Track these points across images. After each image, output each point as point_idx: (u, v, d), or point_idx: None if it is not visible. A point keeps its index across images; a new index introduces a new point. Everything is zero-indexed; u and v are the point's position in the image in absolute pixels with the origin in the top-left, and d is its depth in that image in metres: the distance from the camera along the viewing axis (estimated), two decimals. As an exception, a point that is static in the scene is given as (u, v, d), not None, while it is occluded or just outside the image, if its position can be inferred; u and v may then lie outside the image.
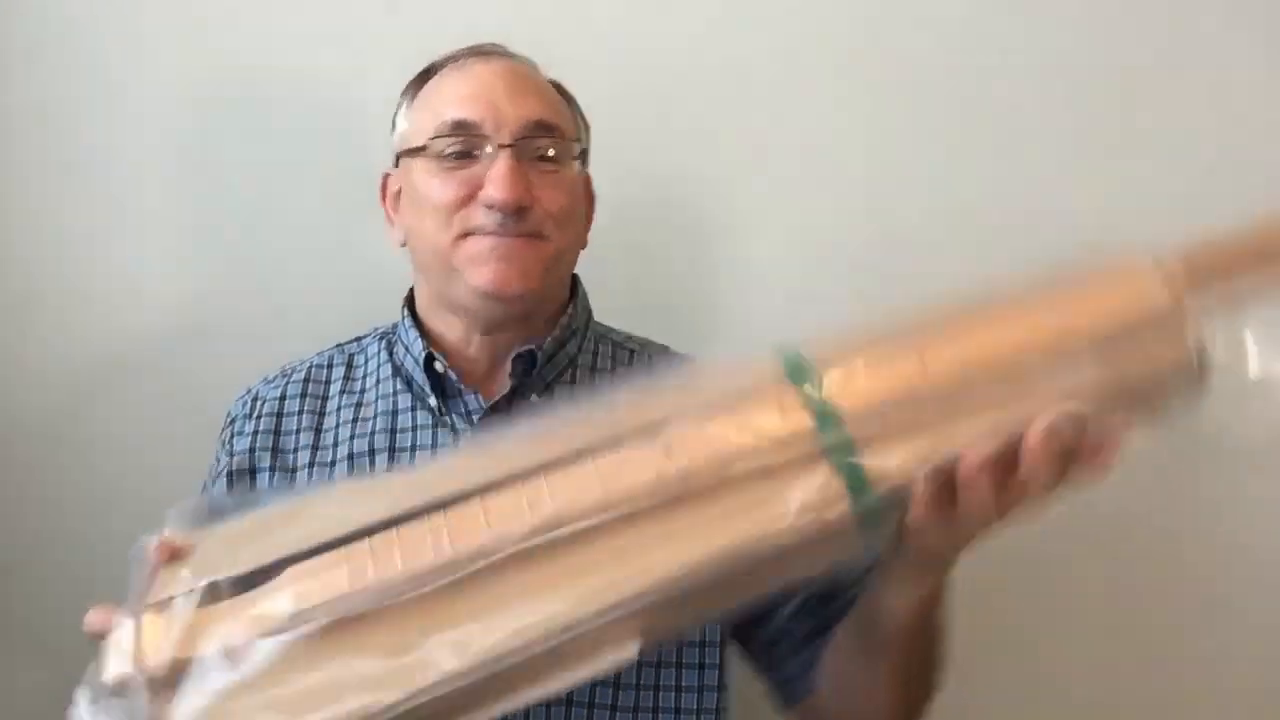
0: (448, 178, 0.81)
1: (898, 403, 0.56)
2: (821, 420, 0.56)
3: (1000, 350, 0.57)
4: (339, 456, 0.85)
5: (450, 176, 0.81)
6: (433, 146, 0.81)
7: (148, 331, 1.17)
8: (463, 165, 0.81)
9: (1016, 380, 0.56)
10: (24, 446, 1.18)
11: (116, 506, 1.15)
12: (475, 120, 0.81)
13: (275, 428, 0.88)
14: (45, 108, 1.16)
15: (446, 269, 0.82)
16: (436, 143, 0.81)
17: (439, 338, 0.87)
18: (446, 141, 0.81)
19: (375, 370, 0.89)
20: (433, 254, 0.83)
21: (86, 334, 1.17)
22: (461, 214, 0.81)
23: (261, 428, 0.88)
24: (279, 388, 0.90)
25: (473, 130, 0.81)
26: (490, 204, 0.79)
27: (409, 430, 0.85)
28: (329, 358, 0.92)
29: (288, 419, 0.88)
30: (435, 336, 0.87)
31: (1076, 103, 1.17)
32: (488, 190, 0.79)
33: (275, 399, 0.89)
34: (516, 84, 0.84)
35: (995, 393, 0.56)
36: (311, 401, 0.89)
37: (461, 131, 0.81)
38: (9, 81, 1.16)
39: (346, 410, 0.87)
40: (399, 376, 0.87)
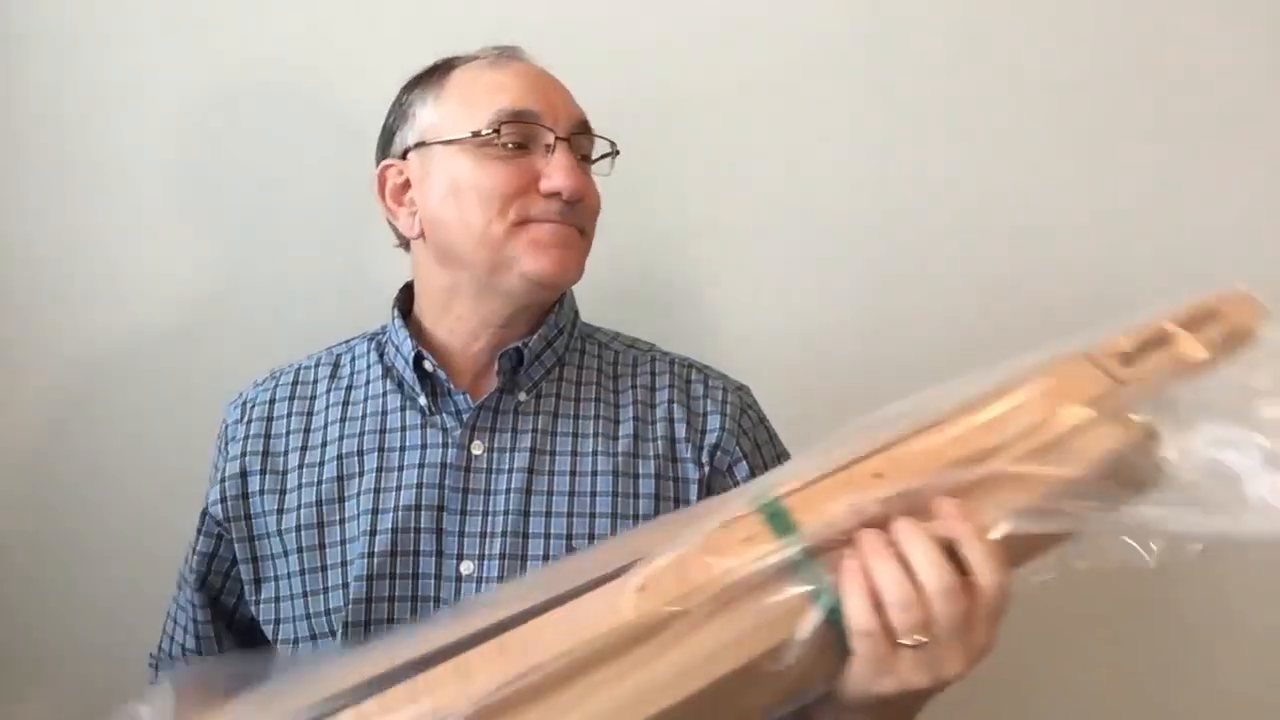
0: (504, 165, 0.81)
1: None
2: (782, 531, 0.57)
3: (950, 462, 0.59)
4: (328, 457, 0.85)
5: (506, 165, 0.81)
6: (487, 134, 0.81)
7: (146, 331, 1.18)
8: (517, 155, 0.81)
9: (966, 493, 0.58)
10: (22, 447, 1.18)
11: (115, 506, 1.16)
12: (538, 110, 0.82)
13: (265, 431, 0.88)
14: (43, 108, 1.17)
15: (495, 256, 0.81)
16: (498, 131, 0.81)
17: (433, 337, 0.87)
18: (509, 129, 0.81)
19: (365, 370, 0.89)
20: (478, 241, 0.81)
21: (84, 334, 1.18)
22: (519, 203, 0.81)
23: (252, 431, 0.88)
24: (268, 390, 0.90)
25: (535, 120, 0.82)
26: (556, 192, 0.80)
27: (398, 430, 0.85)
28: (317, 359, 0.92)
29: (277, 421, 0.88)
30: (427, 336, 0.87)
31: (1074, 102, 1.17)
32: (554, 179, 0.80)
33: (265, 402, 0.89)
34: (559, 83, 0.86)
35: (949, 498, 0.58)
36: (300, 403, 0.89)
37: (525, 120, 0.81)
38: (8, 81, 1.16)
39: (335, 410, 0.87)
40: (389, 377, 0.87)
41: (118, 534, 1.16)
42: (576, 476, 0.83)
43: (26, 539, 1.17)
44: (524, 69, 0.85)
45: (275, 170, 1.18)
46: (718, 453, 0.85)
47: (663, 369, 0.90)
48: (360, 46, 1.17)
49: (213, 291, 1.18)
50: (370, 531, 0.81)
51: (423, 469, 0.82)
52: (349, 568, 0.80)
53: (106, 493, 1.17)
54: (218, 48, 1.17)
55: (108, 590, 1.16)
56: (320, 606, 0.81)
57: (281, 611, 0.83)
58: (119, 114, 1.17)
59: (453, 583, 0.79)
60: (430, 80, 0.87)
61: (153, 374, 1.18)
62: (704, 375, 0.90)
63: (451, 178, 0.82)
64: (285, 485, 0.85)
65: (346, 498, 0.83)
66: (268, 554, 0.84)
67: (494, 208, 0.80)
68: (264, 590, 0.84)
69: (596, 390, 0.87)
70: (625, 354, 0.91)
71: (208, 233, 1.19)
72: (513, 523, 0.80)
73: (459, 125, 0.83)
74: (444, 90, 0.85)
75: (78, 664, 1.14)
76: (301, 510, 0.83)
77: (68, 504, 1.18)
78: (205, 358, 1.17)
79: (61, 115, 1.17)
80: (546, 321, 0.86)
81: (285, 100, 1.18)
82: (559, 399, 0.86)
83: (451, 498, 0.81)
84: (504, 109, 0.81)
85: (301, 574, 0.82)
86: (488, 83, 0.83)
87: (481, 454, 0.83)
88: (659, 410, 0.86)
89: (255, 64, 1.18)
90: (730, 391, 0.89)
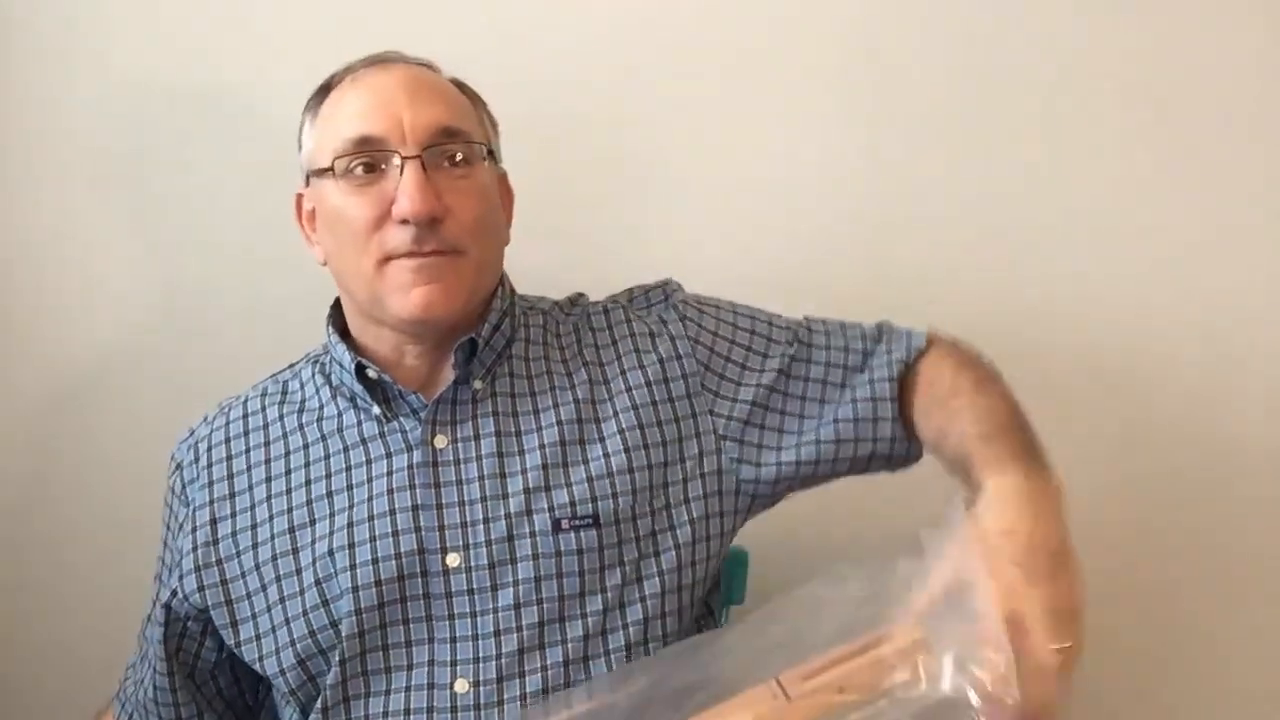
0: (358, 197, 0.79)
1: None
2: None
3: None
4: (294, 484, 0.84)
5: (361, 195, 0.79)
6: (338, 165, 0.80)
7: (130, 336, 1.17)
8: (371, 182, 0.79)
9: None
10: (14, 451, 1.18)
11: (114, 508, 1.16)
12: (378, 135, 0.79)
13: (227, 471, 0.86)
14: (24, 109, 1.16)
15: (372, 293, 0.81)
16: (341, 161, 0.80)
17: (370, 348, 0.86)
18: (351, 159, 0.79)
19: (315, 394, 0.88)
20: (356, 278, 0.81)
21: (67, 340, 1.17)
22: (378, 236, 0.79)
23: (214, 476, 0.86)
24: (221, 430, 0.89)
25: (377, 145, 0.79)
26: (402, 218, 0.78)
27: (359, 444, 0.84)
28: (262, 389, 0.91)
29: (236, 459, 0.86)
30: (366, 348, 0.86)
31: (1073, 103, 1.17)
32: (400, 204, 0.78)
33: (220, 441, 0.88)
34: (418, 92, 0.82)
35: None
36: (256, 434, 0.87)
37: (366, 148, 0.79)
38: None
39: (294, 437, 0.86)
40: (339, 396, 0.86)
41: (117, 534, 1.16)
42: (545, 449, 0.82)
43: (24, 540, 1.17)
44: (378, 84, 0.82)
45: (261, 171, 1.14)
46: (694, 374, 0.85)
47: (600, 324, 0.89)
48: (344, 46, 1.15)
49: (196, 294, 1.17)
50: (348, 545, 0.80)
51: (390, 475, 0.82)
52: (327, 585, 0.79)
53: (98, 497, 1.16)
54: (200, 49, 1.16)
55: (107, 589, 1.15)
56: (304, 629, 0.80)
57: (264, 647, 0.82)
58: (92, 117, 1.16)
59: (441, 577, 0.79)
60: (310, 105, 0.87)
61: (135, 380, 1.17)
62: (632, 312, 0.90)
63: (325, 211, 0.83)
64: (255, 519, 0.84)
65: (317, 520, 0.82)
66: (243, 594, 0.83)
67: (358, 244, 0.80)
68: (243, 631, 0.83)
69: (546, 364, 0.87)
70: (565, 321, 0.91)
71: (191, 235, 1.18)
72: (491, 507, 0.80)
73: (323, 155, 0.82)
74: (317, 117, 0.85)
75: (77, 662, 1.14)
76: (275, 540, 0.82)
77: (63, 504, 1.17)
78: (190, 361, 1.16)
79: (43, 116, 1.16)
80: (491, 308, 0.86)
81: (263, 105, 1.16)
82: (513, 378, 0.85)
83: (425, 495, 0.81)
84: (347, 138, 0.80)
85: (281, 602, 0.81)
86: (343, 107, 0.82)
87: (446, 446, 0.82)
88: (621, 363, 0.86)
89: (237, 64, 1.17)
90: (662, 307, 0.90)
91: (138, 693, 0.89)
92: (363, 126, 0.80)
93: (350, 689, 0.79)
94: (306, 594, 0.80)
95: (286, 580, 0.81)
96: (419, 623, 0.79)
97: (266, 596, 0.82)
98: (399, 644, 0.79)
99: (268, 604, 0.81)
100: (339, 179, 0.80)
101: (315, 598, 0.80)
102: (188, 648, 0.87)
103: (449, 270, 0.80)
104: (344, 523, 0.81)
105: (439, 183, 0.79)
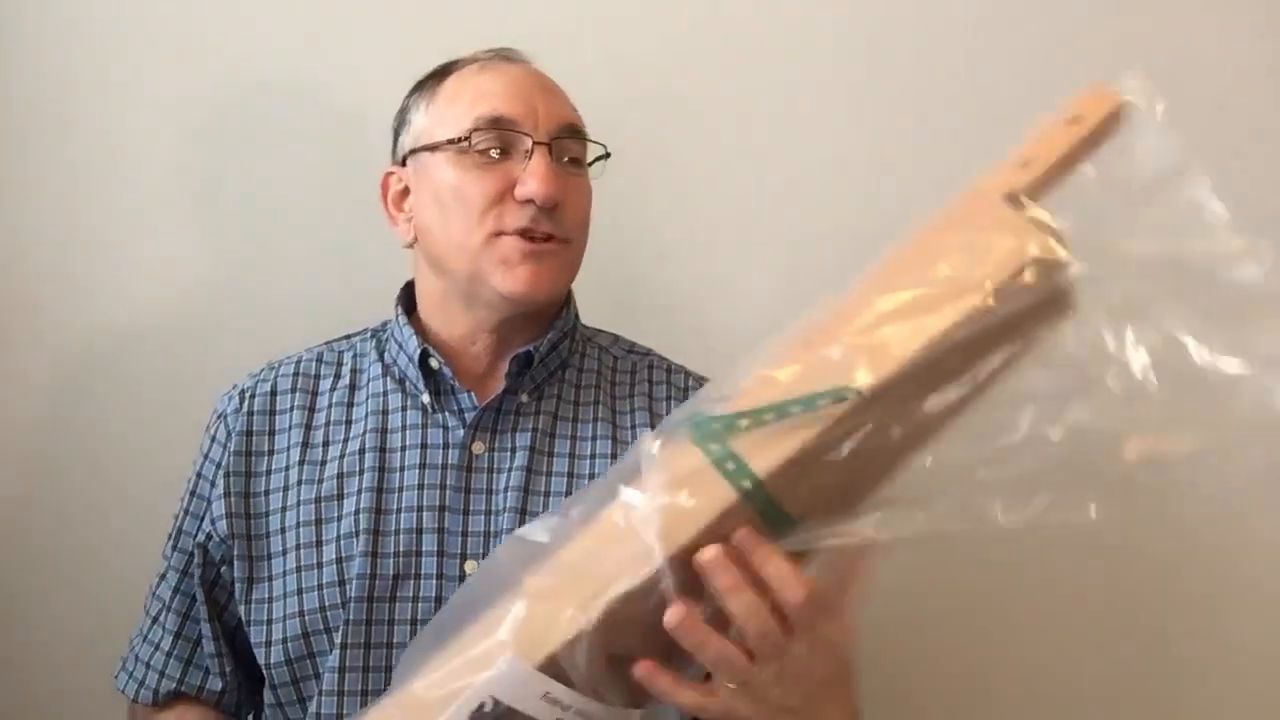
0: (482, 173, 0.81)
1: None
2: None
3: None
4: (330, 456, 0.85)
5: (485, 172, 0.81)
6: (472, 141, 0.81)
7: (146, 330, 1.17)
8: (496, 162, 0.81)
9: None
10: (20, 446, 1.17)
11: (115, 505, 1.16)
12: (515, 117, 0.82)
13: (268, 426, 0.87)
14: (45, 108, 1.16)
15: (472, 268, 0.82)
16: (474, 137, 0.81)
17: (436, 335, 0.87)
18: (484, 136, 0.81)
19: (366, 369, 0.89)
20: (458, 252, 0.82)
21: (84, 333, 1.17)
22: (495, 212, 0.81)
23: (254, 425, 0.87)
24: (268, 381, 0.89)
25: (512, 126, 0.82)
26: (529, 198, 0.80)
27: (399, 430, 0.85)
28: (318, 354, 0.91)
29: (280, 416, 0.87)
30: (433, 334, 0.87)
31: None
32: (527, 184, 0.80)
33: (265, 394, 0.88)
34: (548, 87, 0.85)
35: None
36: (301, 397, 0.88)
37: (501, 127, 0.82)
38: (9, 81, 1.16)
39: (337, 410, 0.87)
40: (389, 376, 0.87)
41: (116, 532, 1.16)
42: (574, 478, 0.83)
43: (24, 539, 1.17)
44: (510, 72, 0.85)
45: (276, 168, 1.17)
46: None
47: (660, 378, 0.91)
48: (360, 48, 1.17)
49: (212, 289, 1.17)
50: (372, 531, 0.80)
51: (424, 469, 0.82)
52: (346, 565, 0.80)
53: (105, 492, 1.16)
54: (218, 48, 1.16)
55: (106, 591, 1.15)
56: (314, 604, 0.80)
57: (273, 611, 0.82)
58: (120, 112, 1.16)
59: (456, 582, 0.79)
60: (426, 86, 0.88)
61: (150, 373, 1.16)
62: (700, 384, 0.89)
63: (436, 186, 0.83)
64: (288, 481, 0.84)
65: (345, 495, 0.82)
66: (264, 553, 0.83)
67: (472, 217, 0.81)
68: (256, 591, 0.83)
69: (597, 394, 0.88)
70: (625, 359, 0.92)
71: (208, 231, 1.18)
72: (512, 520, 0.80)
73: (443, 132, 0.83)
74: (436, 96, 0.86)
75: (76, 659, 1.14)
76: (301, 507, 0.83)
77: (65, 503, 1.17)
78: (204, 357, 1.16)
79: (60, 115, 1.16)
80: (554, 325, 0.87)
81: (286, 99, 1.17)
82: (560, 400, 0.87)
83: (454, 498, 0.81)
84: (481, 115, 0.82)
85: (297, 571, 0.81)
86: (472, 88, 0.84)
87: (482, 453, 0.83)
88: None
89: (257, 63, 1.17)
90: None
91: (155, 656, 0.86)
92: (500, 106, 0.82)
93: (348, 682, 0.78)
94: (324, 569, 0.80)
95: (306, 550, 0.81)
96: (424, 625, 0.78)
97: (285, 561, 0.82)
98: (402, 645, 0.78)
99: (284, 569, 0.82)
100: (460, 155, 0.82)
101: (333, 575, 0.80)
102: (218, 597, 0.86)
103: (555, 256, 0.82)
104: (370, 505, 0.81)
105: (560, 175, 0.82)
